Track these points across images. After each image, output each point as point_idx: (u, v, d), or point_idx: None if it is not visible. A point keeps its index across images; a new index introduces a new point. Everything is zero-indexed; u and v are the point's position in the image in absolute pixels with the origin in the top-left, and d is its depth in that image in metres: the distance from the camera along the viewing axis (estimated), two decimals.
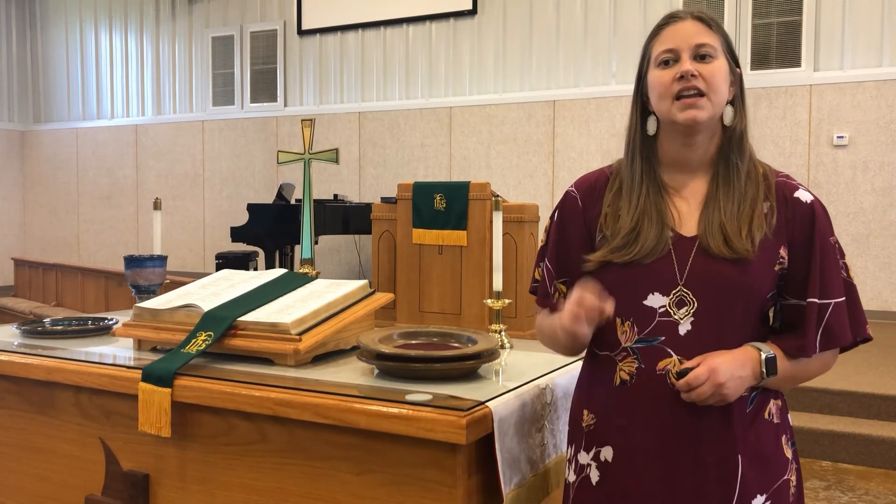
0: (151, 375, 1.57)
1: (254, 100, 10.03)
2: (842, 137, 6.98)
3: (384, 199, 6.54)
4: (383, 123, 9.19)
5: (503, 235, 2.09)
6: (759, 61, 7.30)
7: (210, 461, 1.56)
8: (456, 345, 1.63)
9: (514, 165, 8.46)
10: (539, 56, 8.35)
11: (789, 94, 7.18)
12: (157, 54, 10.82)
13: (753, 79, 7.29)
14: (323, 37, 9.56)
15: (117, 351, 1.84)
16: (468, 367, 1.53)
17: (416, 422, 1.31)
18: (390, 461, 1.36)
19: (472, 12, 8.61)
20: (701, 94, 1.33)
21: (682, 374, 1.29)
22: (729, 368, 1.27)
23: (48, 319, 2.15)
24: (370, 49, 9.30)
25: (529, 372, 1.62)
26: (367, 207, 7.07)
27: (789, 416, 1.44)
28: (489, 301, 2.04)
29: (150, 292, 2.36)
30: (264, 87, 9.96)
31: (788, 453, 1.39)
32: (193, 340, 1.65)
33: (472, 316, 5.77)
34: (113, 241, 11.16)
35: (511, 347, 1.93)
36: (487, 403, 1.36)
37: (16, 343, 1.92)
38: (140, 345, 1.83)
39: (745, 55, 7.32)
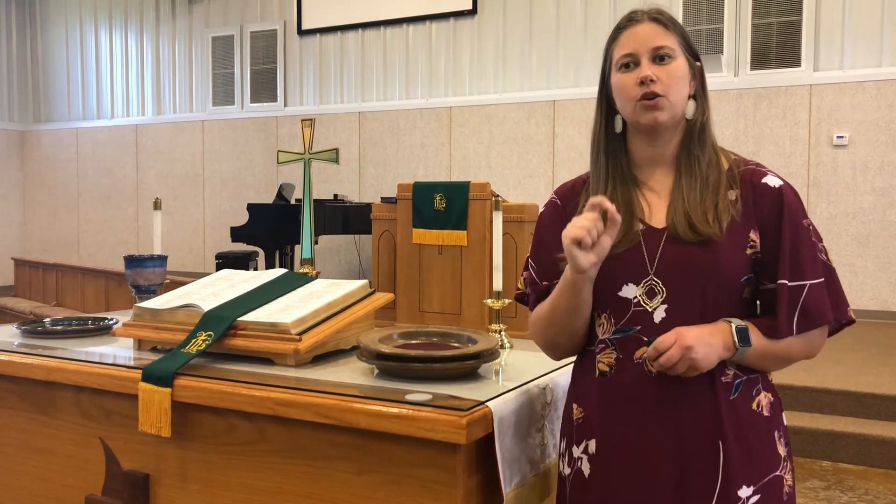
0: (151, 375, 1.57)
1: (254, 100, 10.04)
2: (842, 137, 6.98)
3: (384, 199, 6.54)
4: (383, 123, 9.19)
5: (503, 235, 2.09)
6: (759, 61, 7.30)
7: (210, 461, 1.56)
8: (456, 345, 1.64)
9: (514, 165, 8.46)
10: (539, 56, 8.35)
11: (789, 94, 7.18)
12: (157, 54, 10.82)
13: (753, 79, 7.29)
14: (323, 37, 9.56)
15: (117, 351, 1.84)
16: (468, 367, 1.53)
17: (416, 422, 1.31)
18: (390, 461, 1.36)
19: (472, 12, 8.61)
20: (660, 96, 1.37)
21: (651, 343, 1.31)
22: (697, 334, 1.29)
23: (48, 319, 2.15)
24: (370, 49, 9.30)
25: (529, 372, 1.62)
26: (367, 207, 7.08)
27: (783, 415, 1.43)
28: (489, 301, 2.05)
29: (150, 292, 2.36)
30: (264, 87, 9.96)
31: (781, 450, 1.39)
32: (193, 340, 1.65)
33: (472, 316, 5.77)
34: (113, 241, 11.16)
35: (511, 347, 1.93)
36: (487, 403, 1.36)
37: (16, 343, 1.92)
38: (140, 345, 1.83)
39: (745, 55, 7.33)
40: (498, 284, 2.03)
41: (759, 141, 7.27)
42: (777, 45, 7.25)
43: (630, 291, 1.36)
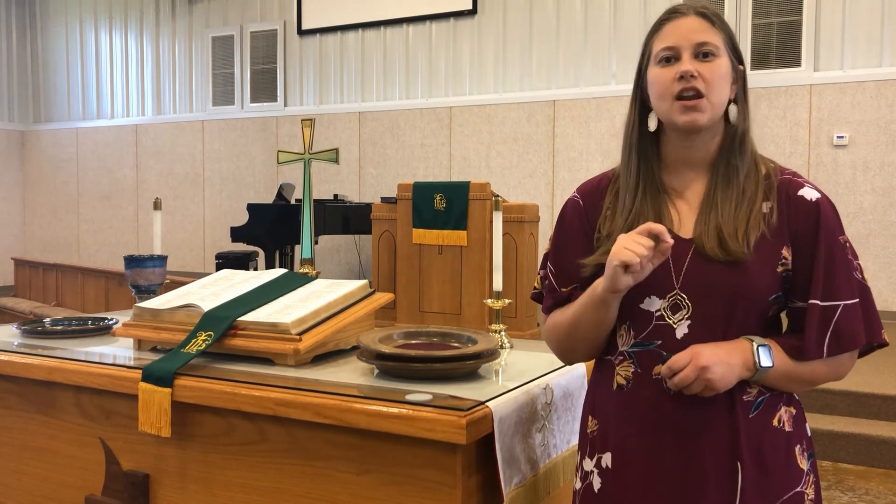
0: (151, 375, 1.57)
1: (254, 100, 10.03)
2: (842, 137, 6.98)
3: (384, 199, 6.54)
4: (383, 123, 9.19)
5: (503, 235, 2.09)
6: (759, 61, 7.30)
7: (210, 461, 1.56)
8: (456, 345, 1.64)
9: (514, 165, 8.46)
10: (539, 56, 8.35)
11: (789, 94, 7.18)
12: (157, 54, 10.82)
13: (753, 79, 7.27)
14: (323, 37, 9.56)
15: (117, 351, 1.84)
16: (468, 367, 1.53)
17: (416, 422, 1.31)
18: (390, 461, 1.36)
19: (472, 12, 8.61)
20: (700, 95, 1.29)
21: (666, 360, 1.26)
22: (714, 353, 1.23)
23: (48, 319, 2.15)
24: (370, 49, 9.30)
25: (529, 372, 1.62)
26: (367, 207, 7.08)
27: (807, 426, 1.38)
28: (489, 301, 2.04)
29: (150, 292, 2.36)
30: (264, 87, 9.96)
31: (803, 464, 1.33)
32: (193, 340, 1.65)
33: (472, 316, 5.77)
34: (113, 241, 11.16)
35: (511, 347, 1.93)
36: (487, 403, 1.36)
37: (16, 343, 1.92)
38: (140, 345, 1.83)
39: (745, 55, 7.31)
40: (498, 284, 2.03)
41: (760, 141, 7.14)
42: (777, 45, 7.25)
43: (653, 304, 1.30)
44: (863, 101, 6.92)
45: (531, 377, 1.58)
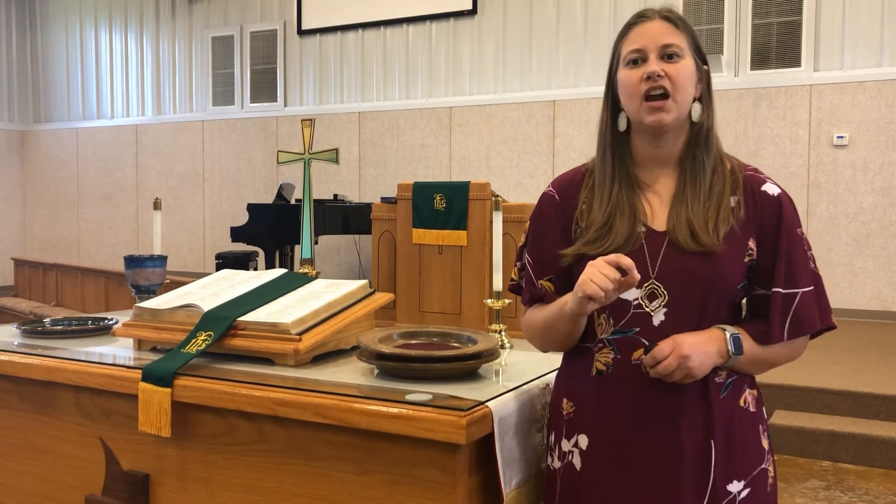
0: (151, 375, 1.57)
1: (254, 100, 10.04)
2: (842, 137, 6.98)
3: (384, 199, 6.54)
4: (383, 123, 9.19)
5: (503, 235, 2.09)
6: (759, 61, 7.30)
7: (210, 461, 1.56)
8: (456, 345, 1.63)
9: (514, 165, 8.46)
10: (539, 56, 8.35)
11: (789, 94, 7.18)
12: (157, 54, 10.82)
13: (753, 79, 7.29)
14: (323, 37, 9.56)
15: (117, 351, 1.84)
16: (468, 367, 1.53)
17: (416, 422, 1.31)
18: (390, 461, 1.36)
19: (472, 12, 8.61)
20: (666, 95, 1.37)
21: (648, 350, 1.33)
22: (693, 342, 1.31)
23: (48, 319, 2.15)
24: (370, 49, 9.30)
25: (529, 372, 1.62)
26: (367, 207, 7.08)
27: (764, 409, 1.47)
28: (489, 301, 2.05)
29: (150, 292, 2.36)
30: (264, 87, 9.96)
31: (765, 444, 1.43)
32: (193, 340, 1.65)
33: (472, 316, 5.77)
34: (113, 241, 11.16)
35: (511, 347, 1.93)
36: (487, 403, 1.36)
37: (16, 343, 1.92)
38: (140, 345, 1.83)
39: (745, 55, 7.33)
40: (498, 284, 2.03)
41: (759, 141, 7.27)
42: (777, 45, 7.25)
43: (631, 294, 1.37)
44: (863, 101, 6.92)
45: (531, 377, 1.58)
